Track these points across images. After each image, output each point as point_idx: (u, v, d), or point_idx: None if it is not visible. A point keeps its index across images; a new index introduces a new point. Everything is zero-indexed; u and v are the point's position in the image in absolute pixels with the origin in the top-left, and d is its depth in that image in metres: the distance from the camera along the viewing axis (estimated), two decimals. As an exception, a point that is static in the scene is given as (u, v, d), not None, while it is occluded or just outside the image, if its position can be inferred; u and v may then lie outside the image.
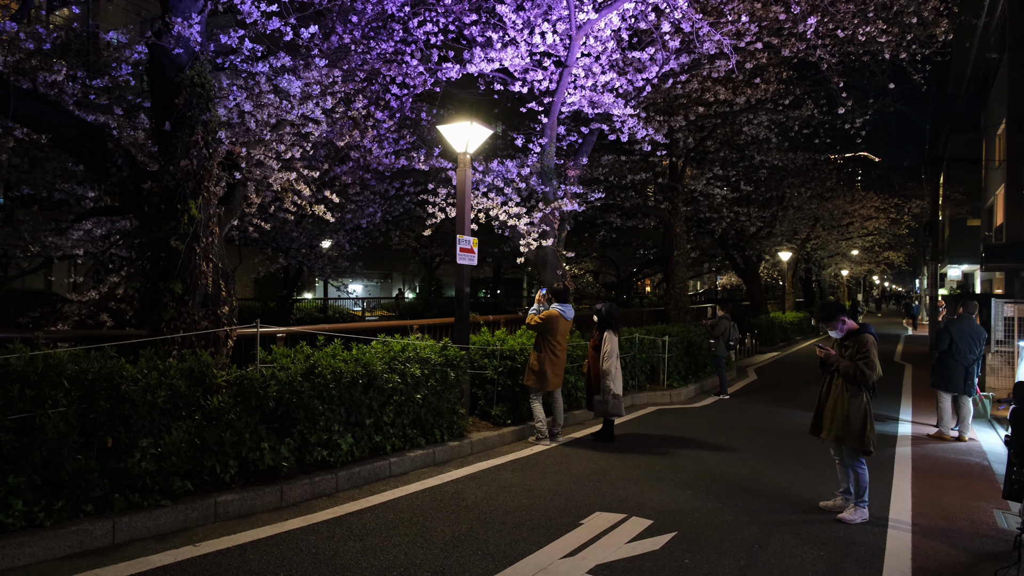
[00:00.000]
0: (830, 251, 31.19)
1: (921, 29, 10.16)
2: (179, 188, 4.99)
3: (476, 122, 7.73)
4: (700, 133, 15.46)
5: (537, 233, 9.56)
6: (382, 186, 13.20)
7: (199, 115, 5.10)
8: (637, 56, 10.03)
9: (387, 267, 37.25)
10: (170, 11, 4.88)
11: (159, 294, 5.01)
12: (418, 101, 11.81)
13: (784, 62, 12.57)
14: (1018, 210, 18.20)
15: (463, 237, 7.55)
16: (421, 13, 9.16)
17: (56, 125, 4.93)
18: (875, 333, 5.05)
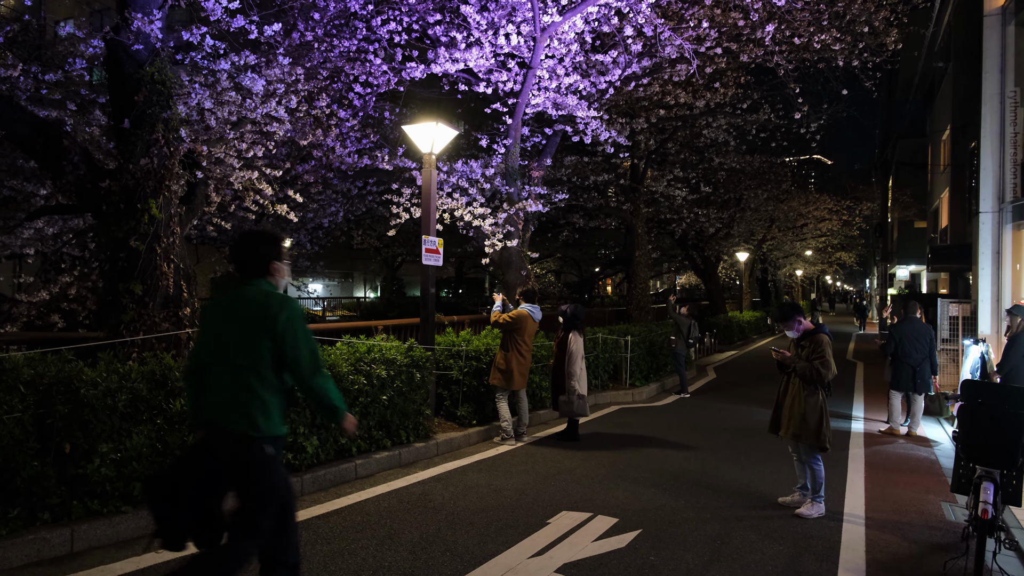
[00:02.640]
0: (785, 251, 32.05)
1: (872, 38, 10.54)
2: (139, 187, 4.87)
3: (441, 123, 7.71)
4: (661, 135, 15.72)
5: (502, 234, 9.60)
6: (344, 185, 13.06)
7: (160, 113, 4.99)
8: (600, 59, 10.15)
9: (348, 266, 36.85)
10: (129, 6, 4.76)
11: (118, 295, 4.88)
12: (381, 100, 11.72)
13: (743, 67, 12.88)
14: (962, 213, 18.97)
15: (428, 238, 7.54)
16: (384, 12, 9.10)
17: (8, 121, 4.76)
18: (830, 333, 5.23)
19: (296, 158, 10.54)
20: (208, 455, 2.69)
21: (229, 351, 2.69)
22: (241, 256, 2.83)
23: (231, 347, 2.68)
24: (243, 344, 2.67)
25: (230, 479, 2.68)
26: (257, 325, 2.67)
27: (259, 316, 2.68)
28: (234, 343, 2.69)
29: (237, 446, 2.64)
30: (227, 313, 2.76)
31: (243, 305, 2.73)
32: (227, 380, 2.68)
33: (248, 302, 2.73)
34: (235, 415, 2.65)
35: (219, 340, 2.74)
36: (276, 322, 2.66)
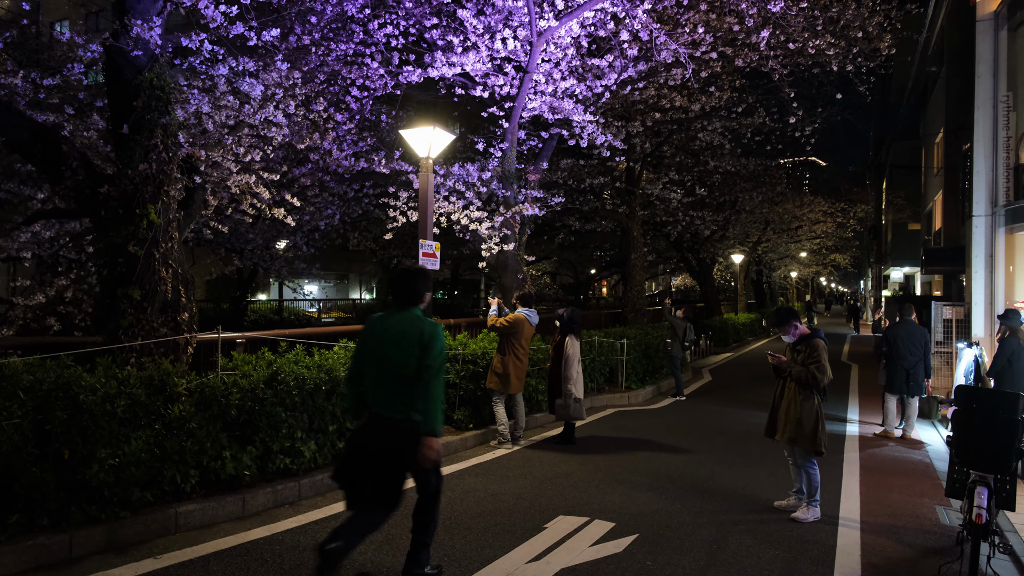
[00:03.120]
0: (780, 253, 32.19)
1: (866, 43, 10.61)
2: (137, 192, 4.88)
3: (438, 127, 7.74)
4: (657, 138, 15.77)
5: (498, 237, 9.62)
6: (341, 188, 13.07)
7: (158, 118, 4.99)
8: (596, 63, 10.19)
9: (344, 268, 36.77)
10: (128, 12, 4.76)
11: (116, 300, 4.88)
12: (378, 103, 11.74)
13: (737, 71, 12.95)
14: (955, 215, 19.10)
15: (426, 242, 7.56)
16: (381, 15, 9.12)
17: (7, 127, 4.76)
18: (825, 338, 5.27)
19: (293, 161, 10.54)
20: (370, 435, 3.50)
21: (391, 361, 3.50)
22: (400, 289, 3.66)
23: (393, 358, 3.50)
24: (402, 356, 3.49)
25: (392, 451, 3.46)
26: (413, 342, 3.49)
27: (415, 336, 3.51)
28: (395, 355, 3.50)
29: (402, 429, 3.46)
30: (389, 332, 3.57)
31: (403, 327, 3.56)
32: (388, 382, 3.51)
33: (406, 325, 3.56)
34: (398, 408, 3.47)
35: (382, 352, 3.54)
36: (426, 340, 3.50)
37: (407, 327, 3.53)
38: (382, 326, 3.60)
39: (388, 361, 3.50)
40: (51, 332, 7.68)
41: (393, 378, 3.49)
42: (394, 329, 3.55)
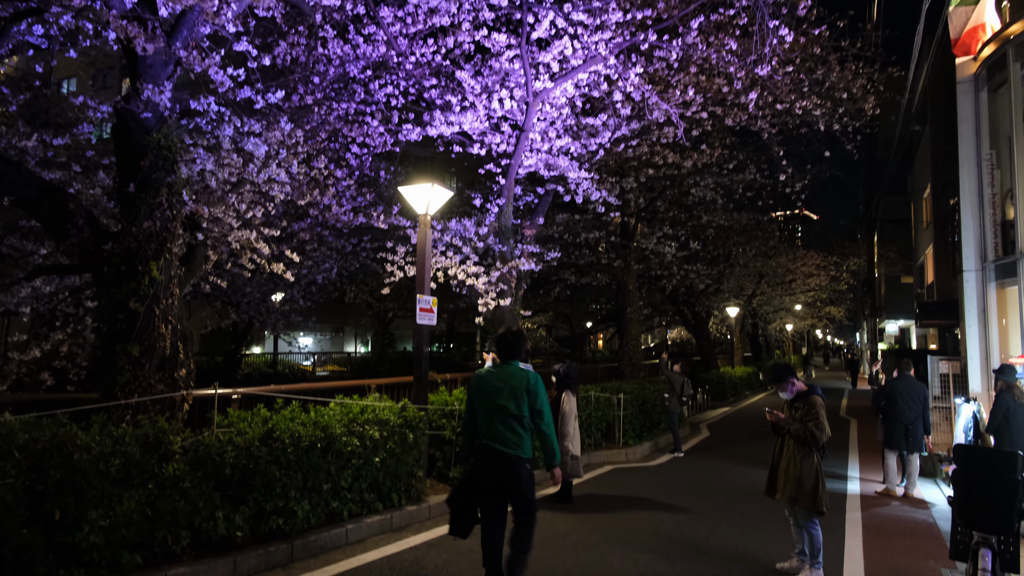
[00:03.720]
0: (775, 306, 32.30)
1: (851, 103, 10.95)
2: (141, 249, 4.94)
3: (437, 184, 7.88)
4: (650, 194, 16.07)
5: (495, 292, 9.68)
6: (339, 242, 13.21)
7: (164, 177, 5.10)
8: (591, 122, 10.48)
9: (339, 321, 36.71)
10: (140, 77, 4.92)
11: (115, 356, 4.88)
12: (377, 160, 11.98)
13: (728, 130, 13.29)
14: (946, 269, 19.31)
15: (423, 297, 7.60)
16: (382, 76, 9.41)
17: (16, 185, 4.85)
18: (822, 394, 5.27)
19: (293, 216, 10.69)
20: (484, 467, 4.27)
21: (503, 406, 4.26)
22: (506, 347, 4.52)
23: (505, 404, 4.26)
24: (512, 401, 4.26)
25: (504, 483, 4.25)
26: (522, 390, 4.29)
27: (523, 385, 4.31)
28: (507, 401, 4.26)
29: (509, 461, 4.23)
30: (500, 383, 4.35)
31: (510, 378, 4.35)
32: (499, 423, 4.25)
33: (513, 376, 4.35)
34: (508, 444, 4.23)
35: (495, 399, 4.30)
36: (533, 389, 4.32)
37: (515, 378, 4.34)
38: (492, 378, 4.40)
39: (500, 406, 4.27)
40: (44, 387, 7.62)
41: (505, 419, 4.26)
42: (504, 380, 4.35)
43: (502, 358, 4.48)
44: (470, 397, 4.49)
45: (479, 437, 4.33)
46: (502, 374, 4.37)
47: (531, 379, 4.32)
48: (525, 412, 4.27)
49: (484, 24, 8.89)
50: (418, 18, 8.60)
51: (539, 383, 4.33)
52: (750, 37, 8.56)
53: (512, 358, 4.48)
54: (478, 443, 4.33)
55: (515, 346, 4.50)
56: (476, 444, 4.36)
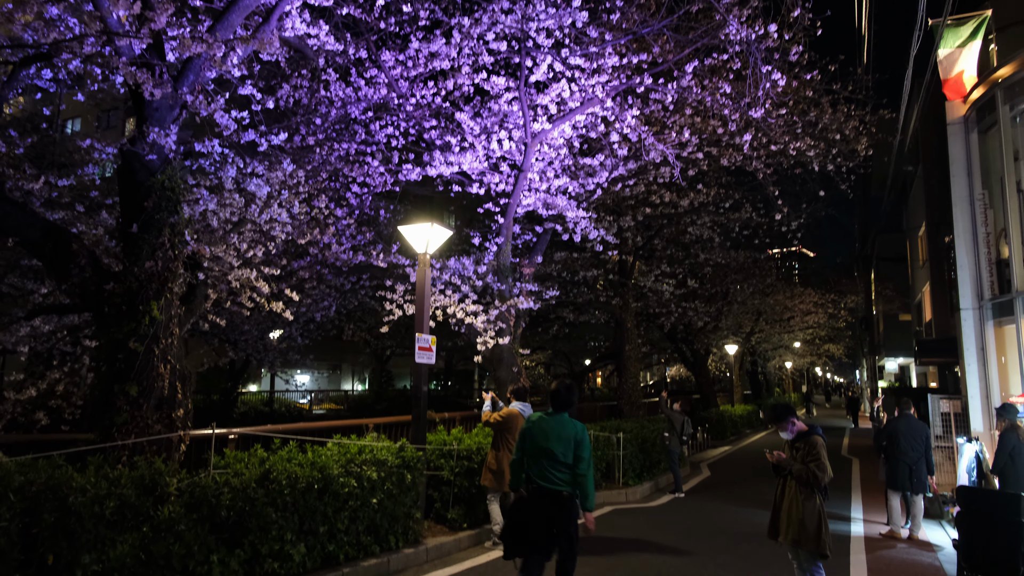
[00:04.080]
0: (774, 344, 32.25)
1: (844, 145, 11.14)
2: (142, 289, 4.96)
3: (436, 223, 7.96)
4: (648, 232, 16.20)
5: (494, 331, 9.68)
6: (338, 280, 13.23)
7: (167, 217, 5.16)
8: (588, 162, 10.63)
9: (337, 358, 36.54)
10: (147, 120, 5.02)
11: (113, 397, 4.85)
12: (377, 199, 12.10)
13: (723, 169, 13.47)
14: (944, 307, 19.37)
15: (422, 336, 7.61)
16: (383, 117, 9.58)
17: (21, 227, 4.90)
18: (823, 434, 5.24)
19: (292, 254, 10.74)
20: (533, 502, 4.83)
21: (551, 450, 4.81)
22: (560, 399, 5.04)
23: (553, 449, 4.81)
24: (560, 447, 4.81)
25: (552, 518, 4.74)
26: (570, 439, 4.85)
27: (571, 435, 4.87)
28: (555, 447, 4.81)
29: (559, 497, 4.78)
30: (550, 431, 4.89)
31: (560, 427, 4.91)
32: (547, 465, 4.82)
33: (563, 426, 4.92)
34: (557, 482, 4.79)
35: (545, 445, 4.83)
36: (579, 438, 4.88)
37: (564, 428, 4.89)
38: (544, 425, 4.96)
39: (550, 451, 4.80)
40: (39, 427, 7.55)
41: (553, 463, 4.80)
42: (555, 428, 4.90)
43: (555, 408, 5.03)
44: (522, 439, 5.07)
45: (530, 477, 4.87)
46: (555, 423, 4.94)
47: (579, 431, 4.93)
48: (571, 460, 4.81)
49: (483, 68, 9.10)
50: (419, 62, 8.80)
51: (585, 434, 4.94)
52: (744, 80, 8.75)
53: (564, 409, 5.03)
54: (529, 483, 4.89)
55: (567, 398, 5.07)
56: (526, 483, 4.93)
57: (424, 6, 8.17)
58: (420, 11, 8.15)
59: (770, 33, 7.60)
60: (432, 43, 8.50)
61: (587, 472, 4.78)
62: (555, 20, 8.08)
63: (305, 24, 7.17)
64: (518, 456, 5.04)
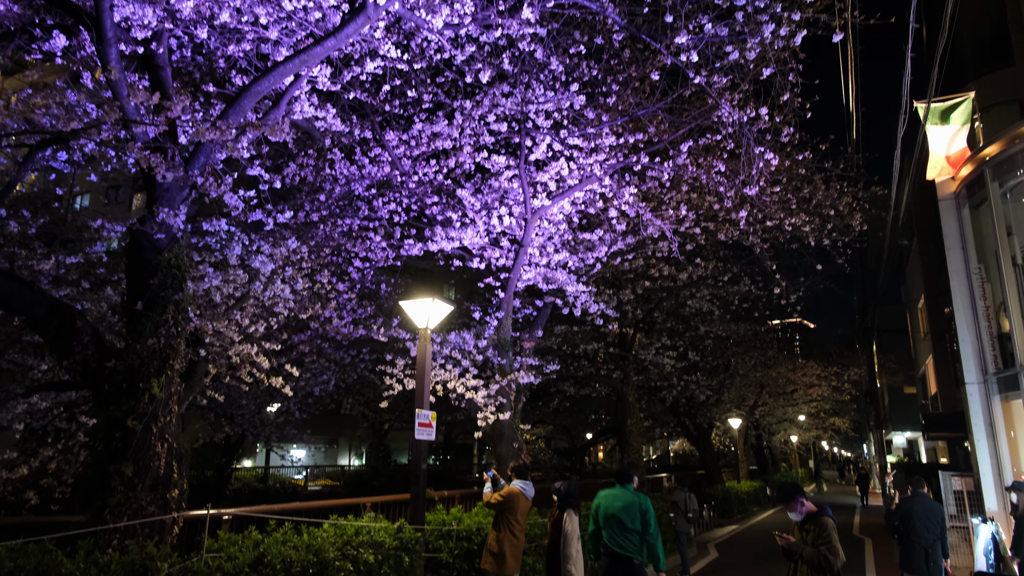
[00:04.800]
0: (778, 417, 31.75)
1: (839, 220, 11.34)
2: (143, 366, 4.95)
3: (437, 299, 8.00)
4: (647, 305, 16.27)
5: (494, 406, 9.57)
6: (338, 354, 13.19)
7: (172, 295, 5.20)
8: (587, 237, 10.80)
9: (334, 433, 35.90)
10: (157, 201, 5.15)
11: (107, 476, 4.75)
12: (378, 272, 12.23)
13: (721, 244, 13.67)
14: (948, 379, 19.22)
15: (422, 412, 7.52)
16: (386, 194, 9.81)
17: (28, 305, 4.94)
18: (833, 515, 5.10)
19: (293, 328, 10.75)
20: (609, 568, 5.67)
21: (622, 521, 5.70)
22: (622, 475, 6.10)
23: (623, 519, 5.70)
24: (629, 518, 5.69)
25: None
26: (636, 509, 5.72)
27: (636, 505, 5.75)
28: (625, 517, 5.70)
29: (630, 564, 5.58)
30: (618, 503, 5.82)
31: (626, 499, 5.84)
32: (618, 533, 5.68)
33: (629, 498, 5.82)
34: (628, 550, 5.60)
35: (616, 516, 5.75)
36: (644, 508, 5.72)
37: (630, 500, 5.79)
38: (613, 499, 5.89)
39: (620, 520, 5.69)
40: (28, 506, 7.35)
41: (623, 530, 5.63)
42: (622, 501, 5.82)
43: (619, 482, 6.00)
44: (595, 512, 5.99)
45: (605, 546, 5.69)
46: (621, 496, 5.87)
47: (644, 502, 5.77)
48: (639, 527, 5.60)
49: (484, 147, 9.40)
50: (422, 141, 9.10)
51: (649, 503, 5.78)
52: (738, 159, 9.01)
53: (627, 482, 5.98)
54: (604, 551, 5.69)
55: (628, 473, 6.09)
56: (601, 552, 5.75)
57: (428, 90, 8.52)
58: (424, 94, 8.49)
59: (761, 116, 7.88)
60: (435, 124, 8.82)
61: (656, 536, 5.57)
62: (553, 103, 8.40)
63: (313, 107, 7.46)
64: (593, 527, 5.94)
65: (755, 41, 6.62)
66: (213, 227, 5.53)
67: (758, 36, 6.42)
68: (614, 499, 5.83)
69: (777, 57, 7.08)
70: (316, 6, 5.98)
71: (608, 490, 5.99)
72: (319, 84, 6.85)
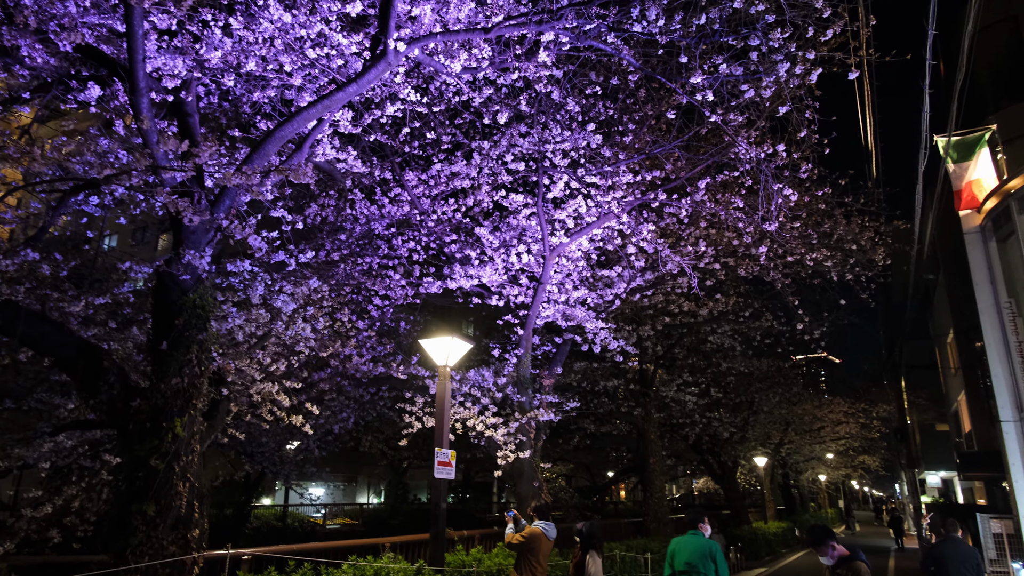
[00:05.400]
0: (805, 455, 30.98)
1: (861, 254, 11.20)
2: (167, 406, 5.01)
3: (456, 336, 8.02)
4: (668, 341, 16.13)
5: (514, 444, 9.49)
6: (358, 392, 13.22)
7: (196, 335, 5.29)
8: (606, 273, 10.80)
9: (353, 470, 35.68)
10: (183, 243, 5.28)
11: (129, 516, 4.78)
12: (397, 310, 12.32)
13: (741, 279, 13.57)
14: (982, 416, 18.67)
15: (441, 450, 7.48)
16: (405, 232, 9.95)
17: (57, 345, 5.06)
18: (866, 560, 4.94)
19: (313, 366, 10.82)
20: None
21: (696, 566, 6.18)
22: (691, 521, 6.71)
23: (697, 564, 6.18)
24: (702, 563, 6.17)
25: None
26: (707, 554, 6.24)
27: (707, 550, 6.27)
28: (697, 561, 6.20)
29: None
30: (690, 547, 6.35)
31: (698, 544, 6.37)
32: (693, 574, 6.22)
33: (700, 543, 6.37)
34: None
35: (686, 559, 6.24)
36: (715, 553, 6.26)
37: (701, 545, 6.33)
38: (686, 544, 6.41)
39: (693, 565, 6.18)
40: (50, 544, 7.38)
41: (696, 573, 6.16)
42: (694, 547, 6.34)
43: (690, 528, 6.59)
44: (670, 558, 6.51)
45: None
46: (693, 542, 6.40)
47: (713, 547, 6.32)
48: (711, 572, 6.10)
49: (502, 185, 9.52)
50: (440, 180, 9.26)
51: (718, 548, 6.33)
52: (756, 194, 9.01)
53: (697, 529, 6.55)
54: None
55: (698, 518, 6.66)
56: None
57: (446, 131, 8.69)
58: (443, 136, 8.67)
59: (779, 152, 7.90)
60: (454, 164, 8.98)
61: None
62: (570, 142, 8.51)
63: (335, 149, 7.64)
64: (669, 572, 6.43)
65: (770, 79, 6.68)
66: (237, 268, 5.65)
67: (773, 75, 6.49)
68: (687, 545, 6.36)
69: (793, 94, 7.13)
70: (338, 53, 6.17)
71: (681, 537, 6.52)
72: (341, 127, 7.03)
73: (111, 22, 5.43)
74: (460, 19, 6.14)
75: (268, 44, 5.90)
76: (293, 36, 5.88)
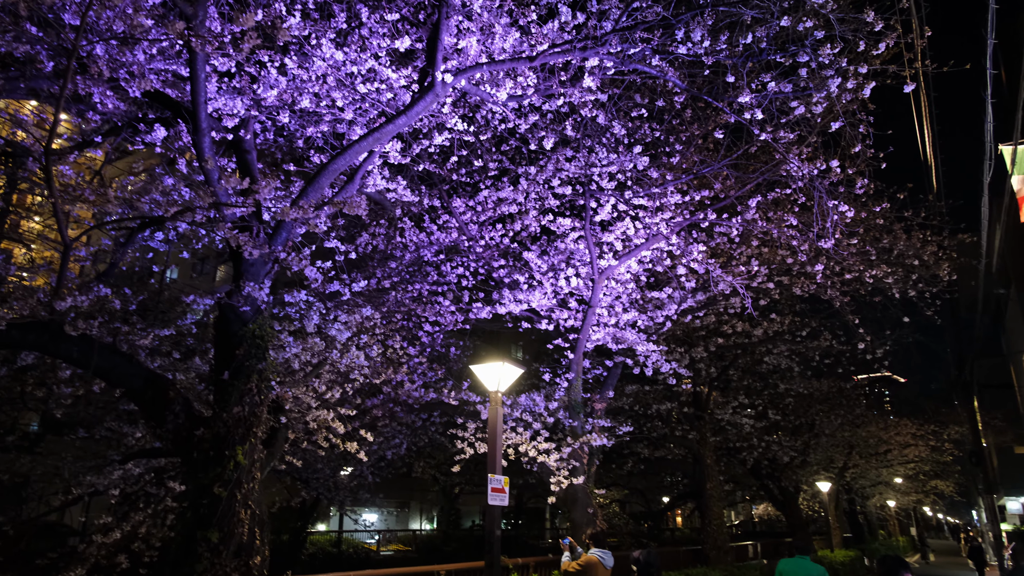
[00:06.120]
0: (871, 480, 29.59)
1: (924, 270, 10.76)
2: (229, 434, 5.16)
3: (507, 361, 8.02)
4: (722, 362, 15.76)
5: (567, 470, 9.38)
6: (410, 417, 13.34)
7: (256, 364, 5.46)
8: (656, 295, 10.67)
9: (405, 496, 35.82)
10: (243, 276, 5.48)
11: (194, 543, 4.91)
12: (447, 336, 12.42)
13: (797, 298, 13.18)
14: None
15: (495, 476, 7.45)
16: (454, 259, 10.07)
17: (126, 376, 5.29)
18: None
19: (366, 393, 10.99)
20: None
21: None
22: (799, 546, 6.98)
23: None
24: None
25: None
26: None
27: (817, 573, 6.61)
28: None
29: None
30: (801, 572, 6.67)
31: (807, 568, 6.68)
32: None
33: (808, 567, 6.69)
34: None
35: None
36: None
37: (811, 569, 6.65)
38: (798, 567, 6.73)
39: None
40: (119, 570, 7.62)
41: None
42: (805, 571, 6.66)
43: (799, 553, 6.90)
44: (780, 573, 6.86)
45: None
46: (803, 565, 6.73)
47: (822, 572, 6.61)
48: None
49: (549, 210, 9.56)
50: (488, 206, 9.36)
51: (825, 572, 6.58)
52: (810, 211, 8.79)
53: (804, 553, 6.87)
54: None
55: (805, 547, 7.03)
56: None
57: (493, 158, 8.80)
58: (489, 162, 8.78)
59: (832, 168, 7.71)
60: (500, 190, 9.07)
61: None
62: (617, 164, 8.50)
63: (385, 180, 7.83)
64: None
65: (821, 95, 6.55)
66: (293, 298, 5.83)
67: (824, 90, 6.36)
68: (799, 568, 6.69)
69: (845, 109, 6.97)
70: (388, 87, 6.35)
71: (790, 559, 6.81)
72: (391, 158, 7.20)
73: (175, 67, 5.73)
74: (505, 49, 6.25)
75: (321, 81, 6.12)
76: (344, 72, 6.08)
